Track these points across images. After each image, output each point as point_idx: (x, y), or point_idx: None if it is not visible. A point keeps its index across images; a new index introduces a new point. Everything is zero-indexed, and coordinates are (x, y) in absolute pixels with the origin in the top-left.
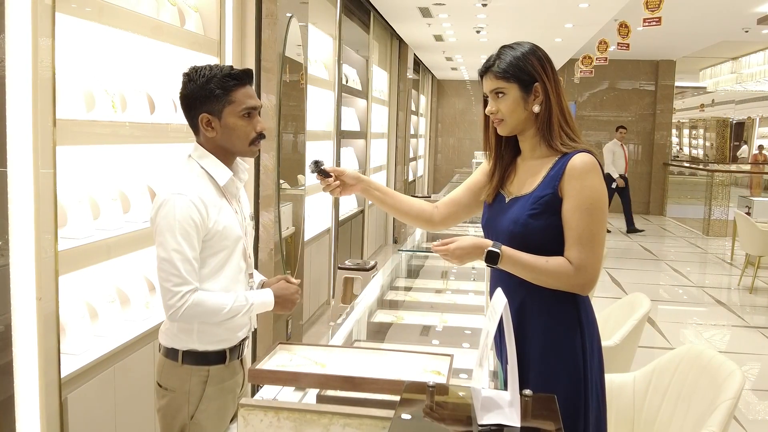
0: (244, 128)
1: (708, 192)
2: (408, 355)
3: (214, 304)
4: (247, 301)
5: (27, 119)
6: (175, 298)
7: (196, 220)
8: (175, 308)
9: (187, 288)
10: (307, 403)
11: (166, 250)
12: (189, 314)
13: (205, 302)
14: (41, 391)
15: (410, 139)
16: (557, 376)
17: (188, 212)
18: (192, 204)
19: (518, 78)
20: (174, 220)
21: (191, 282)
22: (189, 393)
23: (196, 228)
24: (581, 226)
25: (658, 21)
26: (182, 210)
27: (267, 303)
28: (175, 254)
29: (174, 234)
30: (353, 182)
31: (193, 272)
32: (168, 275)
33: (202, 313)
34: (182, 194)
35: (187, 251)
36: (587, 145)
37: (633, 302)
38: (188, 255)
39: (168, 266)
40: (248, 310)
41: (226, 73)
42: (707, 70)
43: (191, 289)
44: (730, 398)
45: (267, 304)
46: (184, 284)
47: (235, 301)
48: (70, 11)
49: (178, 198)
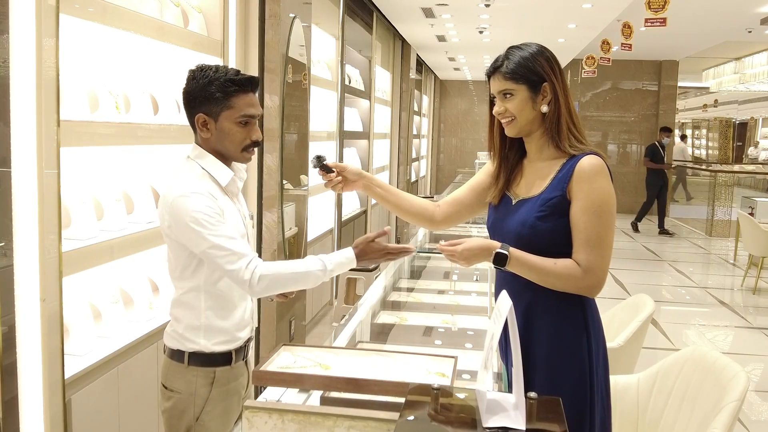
0: (238, 134)
1: (711, 192)
2: (412, 357)
3: (289, 270)
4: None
5: (31, 120)
6: (241, 272)
7: (212, 206)
8: (248, 282)
9: (246, 260)
10: (312, 405)
11: (205, 239)
12: (266, 283)
13: (278, 269)
14: (45, 391)
15: (413, 139)
16: (563, 378)
17: (204, 202)
18: (203, 196)
19: (527, 78)
20: (197, 212)
21: (247, 253)
22: (195, 395)
23: (216, 212)
24: (589, 228)
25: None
26: (197, 203)
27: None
28: (216, 238)
29: (201, 224)
30: (355, 178)
31: (242, 245)
32: (223, 259)
33: (278, 279)
34: (192, 191)
35: (224, 230)
36: (594, 146)
37: (637, 303)
38: (228, 233)
39: (217, 251)
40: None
41: (229, 78)
42: (710, 70)
43: (250, 258)
44: (734, 400)
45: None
46: (241, 258)
47: (310, 266)
48: (74, 12)
49: (189, 194)
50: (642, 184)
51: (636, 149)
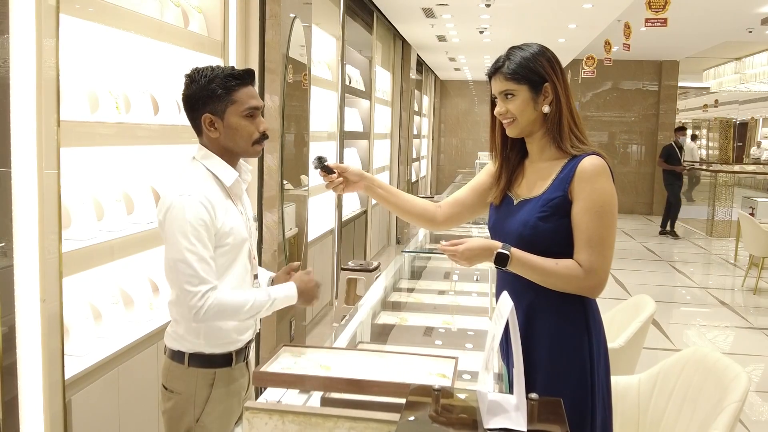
0: (246, 128)
1: (711, 192)
2: (412, 357)
3: (236, 301)
4: (269, 296)
5: (31, 120)
6: (195, 298)
7: (206, 219)
8: (197, 308)
9: (206, 287)
10: (312, 407)
11: (179, 251)
12: (212, 313)
13: (226, 300)
14: (45, 392)
15: (413, 139)
16: (564, 379)
17: (198, 212)
18: (200, 204)
19: (528, 79)
20: (184, 221)
21: (210, 281)
22: (195, 396)
23: (207, 227)
24: (591, 228)
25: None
26: (192, 210)
27: (290, 296)
28: (189, 254)
29: (186, 235)
30: (356, 179)
31: (210, 271)
32: (185, 276)
33: (224, 311)
34: (190, 195)
35: (201, 251)
36: (596, 147)
37: (638, 304)
38: (203, 254)
39: (184, 267)
40: (271, 306)
41: (227, 73)
42: (711, 70)
43: (211, 287)
44: (735, 401)
45: (290, 298)
46: (202, 283)
47: (256, 298)
48: (74, 12)
49: (186, 199)
50: (643, 184)
51: (636, 149)
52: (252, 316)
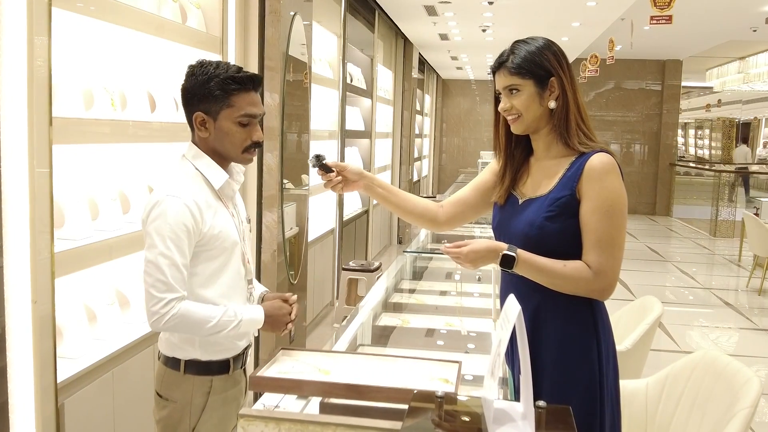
0: (238, 135)
1: (715, 192)
2: (414, 361)
3: (200, 317)
4: (236, 316)
5: (22, 117)
6: (159, 304)
7: (188, 224)
8: (158, 315)
9: (172, 295)
10: (310, 414)
11: (153, 253)
12: (172, 324)
13: (190, 313)
14: (37, 396)
15: (415, 138)
16: (572, 384)
17: (180, 216)
18: (185, 207)
19: (533, 73)
20: (165, 224)
21: (178, 290)
22: (191, 404)
23: (188, 233)
24: (600, 229)
25: (668, 19)
26: (174, 213)
27: (256, 320)
28: (162, 259)
29: (164, 238)
30: (356, 178)
31: (180, 279)
32: (153, 280)
33: (186, 324)
34: (176, 196)
35: (176, 257)
36: (604, 144)
37: (644, 306)
38: (177, 261)
39: (154, 270)
40: (236, 326)
41: (229, 75)
42: (714, 69)
43: (177, 297)
44: (747, 407)
45: (256, 322)
46: (169, 291)
47: (223, 315)
48: (69, 6)
49: (172, 200)
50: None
51: (639, 149)
52: (214, 333)
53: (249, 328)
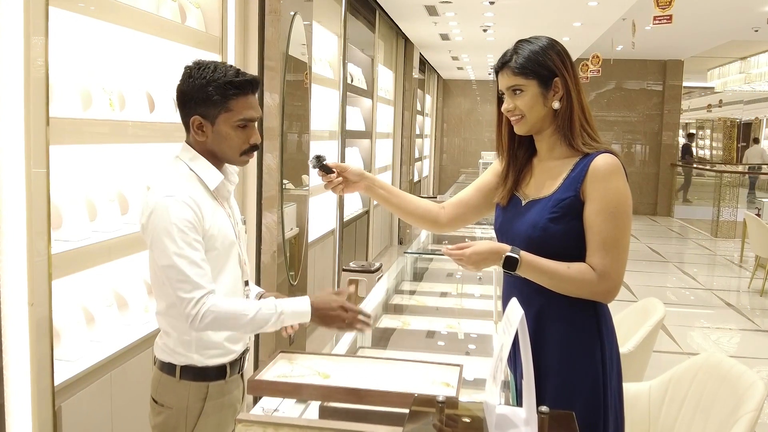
0: (236, 138)
1: (717, 193)
2: (415, 365)
3: (236, 309)
4: (275, 308)
5: (19, 117)
6: (190, 305)
7: (192, 220)
8: (192, 316)
9: (200, 292)
10: (309, 419)
11: (168, 256)
12: (208, 321)
13: (224, 307)
14: (33, 399)
15: (416, 139)
16: (576, 388)
17: (182, 213)
18: (185, 204)
19: (537, 73)
20: (169, 223)
21: (203, 286)
22: (187, 410)
23: (194, 228)
24: (605, 230)
25: (669, 19)
26: (176, 211)
27: (301, 313)
28: (179, 259)
29: (173, 238)
30: (357, 179)
31: (203, 275)
32: (176, 283)
33: (224, 318)
34: (173, 196)
35: (190, 253)
36: (608, 145)
37: (647, 307)
38: (193, 257)
39: (175, 273)
40: (278, 319)
41: (228, 80)
42: (715, 70)
43: (205, 293)
44: (752, 410)
45: (302, 315)
46: (196, 289)
47: (261, 308)
48: (67, 6)
49: (170, 200)
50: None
51: (640, 149)
52: (257, 329)
53: (293, 320)
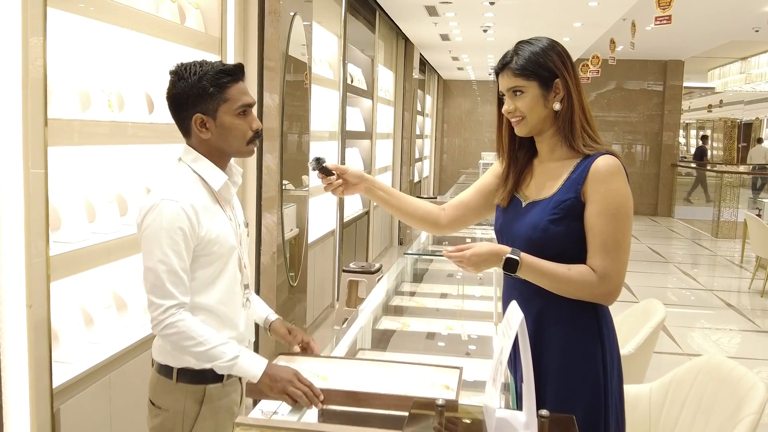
0: (240, 127)
1: (717, 193)
2: (415, 367)
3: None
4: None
5: (17, 119)
6: (158, 310)
7: (184, 228)
8: (157, 321)
9: (170, 302)
10: (307, 422)
11: (151, 259)
12: (169, 332)
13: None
14: (32, 401)
15: (416, 139)
16: (576, 391)
17: (176, 220)
18: (182, 211)
19: (538, 75)
20: (160, 229)
21: (176, 296)
22: (184, 413)
23: (185, 237)
24: (606, 232)
25: (668, 19)
26: (170, 218)
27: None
28: (160, 265)
29: (160, 243)
30: (356, 181)
31: (180, 284)
32: (152, 287)
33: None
34: (172, 200)
35: (173, 262)
36: (609, 146)
37: (647, 309)
38: (175, 266)
39: (153, 277)
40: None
41: (218, 69)
42: (716, 70)
43: (175, 303)
44: (753, 413)
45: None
46: (166, 297)
47: (224, 348)
48: (66, 7)
49: (167, 204)
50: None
51: (641, 150)
52: (207, 361)
53: (243, 373)
